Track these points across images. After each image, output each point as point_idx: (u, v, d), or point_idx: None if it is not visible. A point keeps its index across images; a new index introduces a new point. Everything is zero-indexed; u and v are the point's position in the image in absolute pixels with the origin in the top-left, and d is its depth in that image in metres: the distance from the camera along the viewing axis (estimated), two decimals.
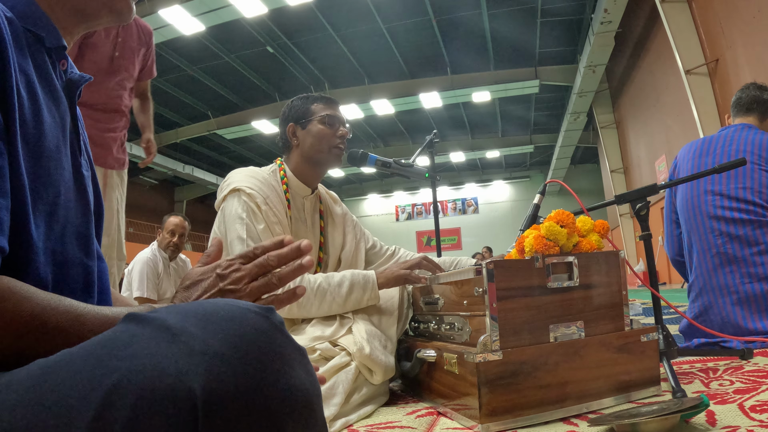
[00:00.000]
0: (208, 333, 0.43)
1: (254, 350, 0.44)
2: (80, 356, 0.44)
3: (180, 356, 0.41)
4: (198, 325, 0.44)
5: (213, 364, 0.41)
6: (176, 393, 0.39)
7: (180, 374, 0.40)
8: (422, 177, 2.07)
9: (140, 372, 0.40)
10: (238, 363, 0.42)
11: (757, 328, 1.65)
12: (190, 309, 0.46)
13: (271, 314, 0.48)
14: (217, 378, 0.41)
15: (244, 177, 1.50)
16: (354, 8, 9.22)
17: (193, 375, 0.40)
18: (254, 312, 0.47)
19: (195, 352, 0.42)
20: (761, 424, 0.91)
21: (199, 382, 0.40)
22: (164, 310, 0.46)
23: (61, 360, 0.44)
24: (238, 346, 0.43)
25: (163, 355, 0.41)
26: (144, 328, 0.44)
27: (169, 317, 0.45)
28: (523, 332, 1.11)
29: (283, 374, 0.45)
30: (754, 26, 5.60)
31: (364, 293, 1.41)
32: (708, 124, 6.53)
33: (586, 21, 9.89)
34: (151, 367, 0.41)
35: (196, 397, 0.40)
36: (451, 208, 20.48)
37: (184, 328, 0.44)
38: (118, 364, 0.41)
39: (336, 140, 1.60)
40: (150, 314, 0.46)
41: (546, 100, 13.83)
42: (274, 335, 0.46)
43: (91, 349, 0.44)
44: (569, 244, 1.22)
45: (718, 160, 1.85)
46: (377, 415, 1.25)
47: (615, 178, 12.64)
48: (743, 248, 1.72)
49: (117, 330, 0.45)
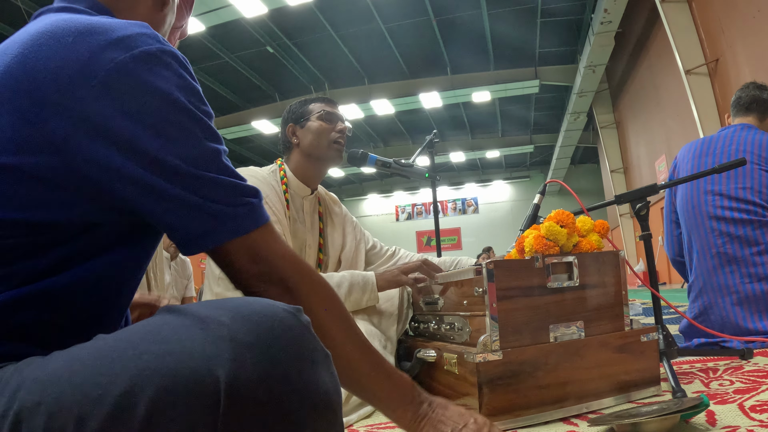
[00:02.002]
0: (237, 323, 0.44)
1: (281, 344, 0.45)
2: (114, 339, 0.45)
3: (207, 342, 0.42)
4: (228, 316, 0.45)
5: (239, 351, 0.42)
6: (201, 377, 0.40)
7: (206, 360, 0.41)
8: (422, 177, 2.07)
9: (168, 355, 0.41)
10: (264, 354, 0.43)
11: (757, 328, 1.65)
12: (221, 303, 0.47)
13: (300, 314, 0.49)
14: (242, 366, 0.41)
15: (243, 176, 1.50)
16: (354, 8, 9.22)
17: (220, 361, 0.41)
18: (283, 309, 0.48)
19: (223, 339, 0.43)
20: (761, 424, 0.91)
21: (225, 368, 0.41)
22: (197, 304, 0.48)
23: (96, 343, 0.45)
24: (265, 337, 0.44)
25: (191, 341, 0.42)
26: (177, 317, 0.45)
27: (200, 308, 0.46)
28: (523, 332, 1.11)
29: (307, 372, 0.45)
30: (754, 26, 5.60)
31: (363, 294, 1.41)
32: (708, 124, 6.52)
33: (586, 21, 9.88)
34: (179, 351, 0.42)
35: (220, 382, 0.40)
36: (451, 208, 20.47)
37: (214, 317, 0.44)
38: (148, 347, 0.42)
39: (335, 135, 1.60)
40: (183, 306, 0.47)
41: (546, 100, 13.83)
42: (302, 333, 0.47)
43: (125, 334, 0.45)
44: (569, 244, 1.21)
45: (718, 160, 1.85)
46: (377, 415, 1.25)
47: (615, 178, 12.63)
48: (743, 248, 1.72)
49: (151, 319, 0.47)
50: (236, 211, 0.59)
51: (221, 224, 0.57)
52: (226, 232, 0.58)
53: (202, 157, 0.58)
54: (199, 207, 0.56)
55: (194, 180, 0.56)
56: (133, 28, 0.57)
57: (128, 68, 0.54)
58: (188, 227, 0.57)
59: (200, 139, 0.58)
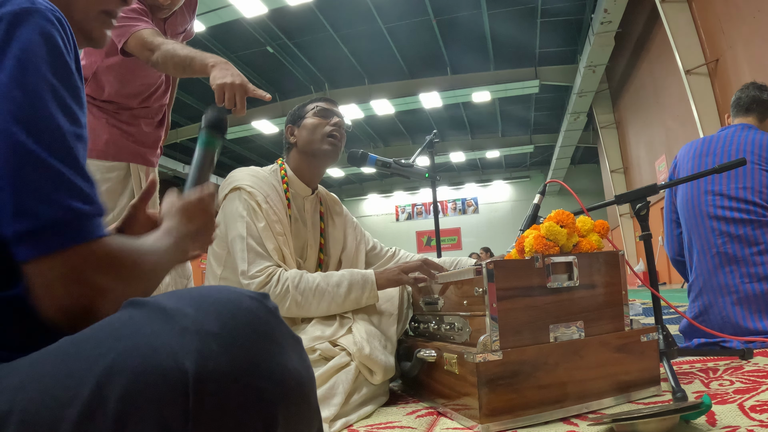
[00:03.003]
0: (202, 313, 0.44)
1: (247, 331, 0.44)
2: (80, 340, 0.44)
3: (173, 335, 0.42)
4: (192, 306, 0.44)
5: (205, 343, 0.42)
6: (168, 371, 0.40)
7: (173, 353, 0.41)
8: (422, 177, 2.07)
9: (134, 350, 0.41)
10: (230, 343, 0.43)
11: (757, 328, 1.65)
12: (185, 293, 0.47)
13: (266, 299, 0.49)
14: (209, 356, 0.41)
15: (244, 176, 1.51)
16: (354, 8, 9.22)
17: (186, 353, 0.41)
18: (248, 296, 0.48)
19: (188, 331, 0.42)
20: (761, 424, 0.91)
21: (191, 360, 0.41)
22: (161, 295, 0.47)
23: (62, 344, 0.45)
24: (231, 326, 0.44)
25: (156, 335, 0.42)
26: (141, 311, 0.45)
27: (165, 300, 0.45)
28: (523, 332, 1.11)
29: (276, 356, 0.45)
30: (754, 26, 5.59)
31: (362, 293, 1.41)
32: (708, 124, 6.52)
33: (586, 21, 9.88)
34: (145, 345, 0.41)
35: (188, 375, 0.40)
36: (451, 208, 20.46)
37: (178, 309, 0.44)
38: (114, 345, 0.42)
39: (329, 128, 1.60)
40: (147, 299, 0.46)
41: (546, 100, 13.82)
42: (268, 318, 0.47)
43: (91, 333, 0.45)
44: (569, 244, 1.22)
45: (718, 160, 1.85)
46: (377, 416, 1.25)
47: (615, 178, 12.63)
48: (743, 248, 1.72)
49: (116, 315, 0.46)
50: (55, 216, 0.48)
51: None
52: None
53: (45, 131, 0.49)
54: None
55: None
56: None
57: None
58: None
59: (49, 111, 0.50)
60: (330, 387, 1.21)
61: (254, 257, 1.39)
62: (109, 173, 1.71)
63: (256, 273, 1.37)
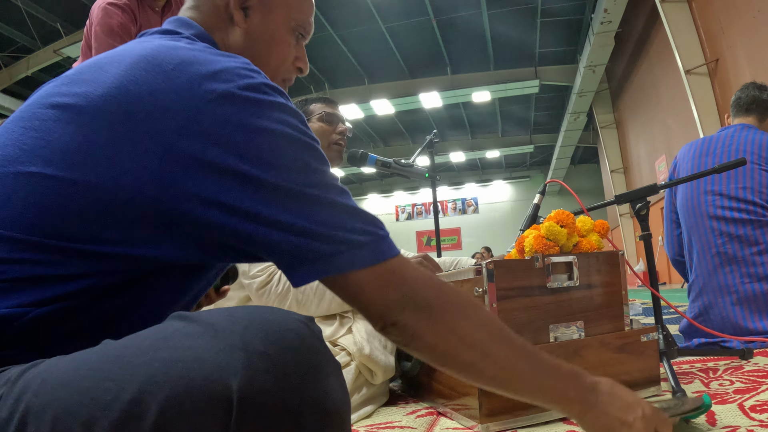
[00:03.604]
0: (250, 332, 0.43)
1: (294, 354, 0.44)
2: (123, 345, 0.44)
3: (219, 351, 0.42)
4: (240, 325, 0.44)
5: (252, 361, 0.42)
6: (212, 386, 0.40)
7: (218, 368, 0.40)
8: (422, 177, 2.07)
9: (179, 362, 0.41)
10: (277, 364, 0.43)
11: (757, 328, 1.65)
12: (233, 311, 0.46)
13: (311, 324, 0.48)
14: (255, 375, 0.41)
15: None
16: (354, 8, 9.22)
17: (232, 370, 0.41)
18: (296, 319, 0.47)
19: (235, 347, 0.42)
20: (761, 424, 0.91)
21: (237, 377, 0.40)
22: (208, 311, 0.47)
23: (105, 347, 0.45)
24: (278, 347, 0.43)
25: (203, 349, 0.42)
26: (187, 324, 0.45)
27: (212, 316, 0.45)
28: (523, 332, 1.11)
29: (318, 381, 0.45)
30: (754, 26, 5.59)
31: None
32: (708, 124, 6.52)
33: (586, 21, 9.88)
34: (190, 358, 0.41)
35: (232, 392, 0.40)
36: (451, 208, 20.46)
37: (226, 326, 0.44)
38: (158, 354, 0.41)
39: (336, 136, 1.60)
40: (194, 314, 0.46)
41: (546, 100, 13.82)
42: (314, 343, 0.47)
43: (135, 340, 0.44)
44: (569, 244, 1.22)
45: (718, 160, 1.85)
46: (377, 415, 1.25)
47: (615, 178, 12.63)
48: (743, 248, 1.72)
49: (162, 325, 0.46)
50: (366, 239, 0.55)
51: (350, 252, 0.54)
52: (358, 260, 0.54)
53: (322, 183, 0.55)
54: (326, 235, 0.53)
55: (313, 204, 0.53)
56: (234, 62, 0.55)
57: (230, 100, 0.52)
58: (305, 255, 0.52)
59: (312, 165, 0.55)
60: None
61: None
62: None
63: (257, 273, 1.37)
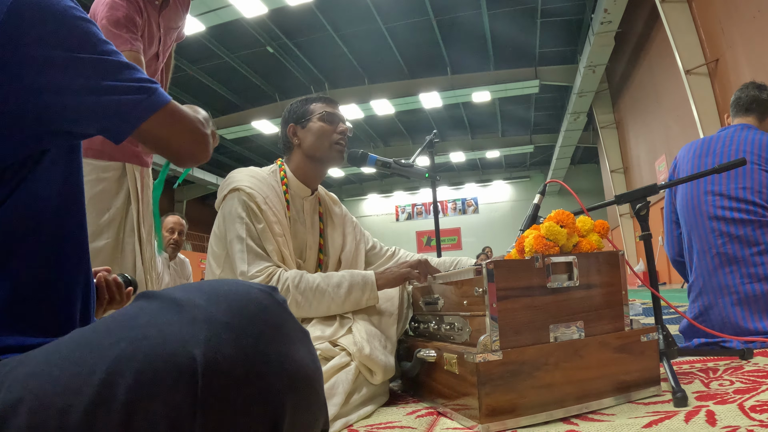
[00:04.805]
0: (212, 304, 0.45)
1: (256, 322, 0.45)
2: (91, 330, 0.45)
3: (183, 324, 0.43)
4: (203, 298, 0.45)
5: (215, 332, 0.43)
6: (178, 359, 0.41)
7: (182, 341, 0.41)
8: (422, 177, 2.07)
9: (144, 339, 0.42)
10: (239, 332, 0.43)
11: (757, 328, 1.65)
12: (196, 286, 0.48)
13: (275, 292, 0.49)
14: (218, 345, 0.42)
15: (244, 177, 1.51)
16: (354, 8, 9.22)
17: (195, 342, 0.41)
18: (258, 289, 0.49)
19: (198, 320, 0.43)
20: (761, 424, 0.91)
21: (201, 349, 0.41)
22: (174, 287, 0.48)
23: (74, 335, 0.46)
24: (240, 316, 0.45)
25: (167, 324, 0.43)
26: (152, 302, 0.46)
27: (176, 292, 0.46)
28: (523, 332, 1.11)
29: (284, 348, 0.46)
30: (754, 26, 5.60)
31: (363, 294, 1.41)
32: (708, 124, 6.52)
33: (586, 21, 9.89)
34: (155, 335, 0.42)
35: (197, 363, 0.41)
36: (451, 208, 20.47)
37: (189, 299, 0.45)
38: (124, 334, 0.43)
39: (336, 136, 1.60)
40: (159, 291, 0.47)
41: (546, 100, 13.83)
42: (277, 311, 0.48)
43: (102, 323, 0.46)
44: (569, 244, 1.21)
45: (718, 161, 1.85)
46: (377, 415, 1.25)
47: (615, 178, 12.64)
48: (743, 248, 1.72)
49: (128, 306, 0.47)
50: (155, 86, 0.64)
51: (146, 99, 0.62)
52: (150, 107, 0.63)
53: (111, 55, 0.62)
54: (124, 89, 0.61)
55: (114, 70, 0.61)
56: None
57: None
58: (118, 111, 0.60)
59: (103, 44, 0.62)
60: (330, 387, 1.21)
61: (253, 258, 1.39)
62: (104, 173, 1.71)
63: (256, 273, 1.37)
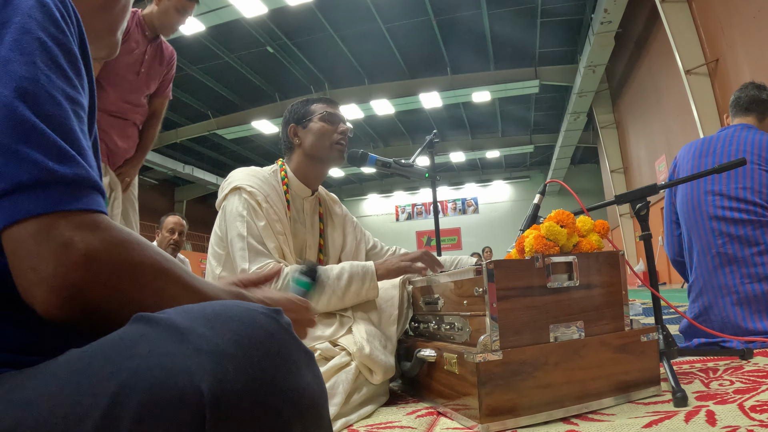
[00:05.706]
0: (216, 333, 0.43)
1: (262, 351, 0.44)
2: (89, 355, 0.44)
3: (188, 356, 0.41)
4: (206, 326, 0.44)
5: (221, 363, 0.41)
6: (183, 392, 0.39)
7: (188, 373, 0.40)
8: (422, 177, 2.07)
9: (148, 371, 0.40)
10: (246, 363, 0.42)
11: (757, 328, 1.65)
12: (198, 309, 0.46)
13: (280, 316, 0.48)
14: (224, 378, 0.41)
15: (245, 176, 1.51)
16: (354, 8, 9.22)
17: (201, 374, 0.40)
18: (263, 313, 0.47)
19: (203, 351, 0.42)
20: (761, 424, 0.91)
21: (207, 382, 0.40)
22: (173, 311, 0.46)
23: (71, 359, 0.44)
24: (246, 346, 0.43)
25: (171, 355, 0.41)
26: (153, 328, 0.44)
27: (178, 317, 0.45)
28: (523, 332, 1.11)
29: (291, 375, 0.45)
30: (754, 26, 5.60)
31: (363, 284, 1.41)
32: (708, 124, 6.52)
33: (586, 21, 9.89)
34: (158, 366, 0.40)
35: (204, 397, 0.39)
36: (451, 208, 20.47)
37: (192, 328, 0.43)
38: (126, 364, 0.41)
39: (337, 136, 1.60)
40: (158, 315, 0.45)
41: (546, 100, 13.83)
42: (283, 337, 0.46)
43: (100, 348, 0.44)
44: (569, 244, 1.22)
45: (718, 160, 1.85)
46: (377, 415, 1.25)
47: (615, 178, 12.64)
48: (743, 248, 1.72)
49: (126, 330, 0.45)
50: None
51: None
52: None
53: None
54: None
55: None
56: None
57: None
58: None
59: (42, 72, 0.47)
60: (330, 387, 1.21)
61: (254, 255, 1.39)
62: None
63: (257, 270, 1.37)
